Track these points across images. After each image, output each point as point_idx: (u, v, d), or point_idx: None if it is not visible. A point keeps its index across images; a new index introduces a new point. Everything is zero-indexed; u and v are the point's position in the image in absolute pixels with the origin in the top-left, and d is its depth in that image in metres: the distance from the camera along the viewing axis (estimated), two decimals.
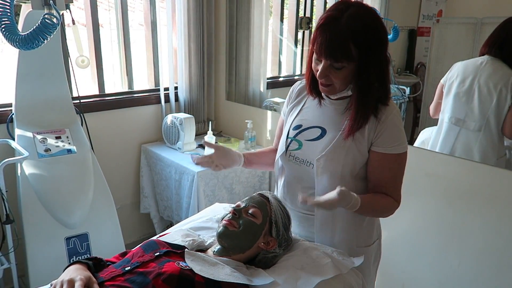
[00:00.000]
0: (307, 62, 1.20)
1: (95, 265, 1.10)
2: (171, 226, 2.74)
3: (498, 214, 1.72)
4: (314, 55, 1.13)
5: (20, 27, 1.83)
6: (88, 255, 1.95)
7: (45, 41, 1.48)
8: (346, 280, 1.15)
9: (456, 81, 1.91)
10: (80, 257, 1.93)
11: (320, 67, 1.12)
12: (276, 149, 1.44)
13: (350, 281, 1.16)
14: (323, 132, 1.24)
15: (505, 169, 1.72)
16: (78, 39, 2.00)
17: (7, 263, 1.84)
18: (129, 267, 1.05)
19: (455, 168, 1.84)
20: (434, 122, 2.06)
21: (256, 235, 1.19)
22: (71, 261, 1.88)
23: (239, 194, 2.51)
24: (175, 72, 2.72)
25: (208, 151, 1.25)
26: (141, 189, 2.69)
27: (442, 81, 1.98)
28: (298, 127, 1.30)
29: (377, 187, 1.22)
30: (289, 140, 1.31)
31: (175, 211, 2.51)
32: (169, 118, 2.57)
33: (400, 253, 2.02)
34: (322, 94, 1.24)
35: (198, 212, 2.28)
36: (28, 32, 1.46)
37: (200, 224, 1.42)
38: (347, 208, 1.12)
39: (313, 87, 1.23)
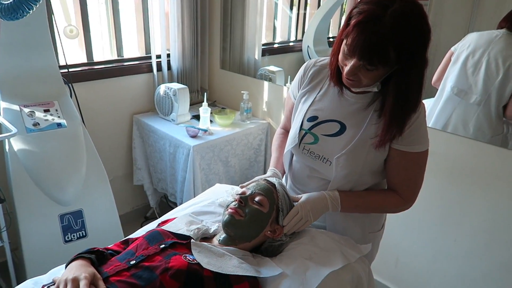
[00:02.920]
0: (334, 48, 1.07)
1: (98, 257, 1.06)
2: (165, 197, 2.73)
3: (495, 192, 1.73)
4: (344, 48, 1.00)
5: None
6: (83, 232, 1.92)
7: (31, 11, 1.35)
8: (354, 269, 1.14)
9: (466, 51, 1.85)
10: (75, 234, 1.89)
11: (349, 63, 1.00)
12: (286, 131, 1.39)
13: (358, 270, 1.15)
14: (343, 127, 1.15)
15: (501, 147, 1.71)
16: (65, 7, 1.85)
17: (0, 242, 1.79)
18: (134, 261, 1.01)
19: (452, 144, 1.83)
20: (429, 93, 2.02)
21: (263, 224, 1.15)
22: (66, 239, 1.87)
23: (235, 167, 2.47)
24: (167, 39, 2.58)
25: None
26: (134, 161, 2.63)
27: (452, 48, 1.92)
28: (313, 118, 1.20)
29: (390, 184, 1.20)
30: (303, 132, 1.22)
31: (169, 184, 2.47)
32: (162, 89, 2.46)
33: (395, 228, 2.04)
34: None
35: (194, 185, 2.26)
36: (11, 0, 1.33)
37: (202, 208, 1.38)
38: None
39: (337, 76, 1.11)
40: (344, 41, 1.00)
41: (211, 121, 2.48)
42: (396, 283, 2.19)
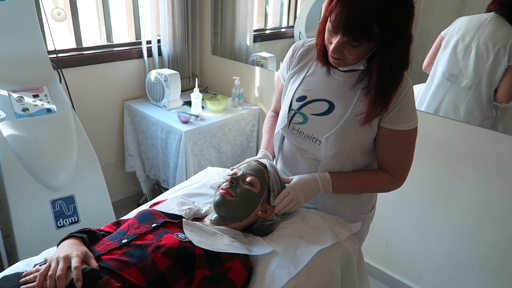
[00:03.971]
0: (319, 27, 1.08)
1: (89, 237, 1.06)
2: (158, 185, 2.73)
3: (484, 174, 1.76)
4: (329, 26, 1.01)
5: None
6: (76, 217, 1.92)
7: None
8: (344, 247, 1.16)
9: (456, 35, 1.85)
10: (67, 220, 1.89)
11: (334, 41, 1.01)
12: (276, 114, 1.38)
13: (347, 247, 1.17)
14: (331, 106, 1.15)
15: (491, 129, 1.73)
16: None
17: None
18: (126, 240, 1.02)
19: (441, 127, 1.85)
20: (420, 78, 2.03)
21: (254, 204, 1.16)
22: (58, 224, 1.87)
23: (227, 153, 2.48)
24: (157, 24, 2.56)
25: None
26: (125, 147, 2.62)
27: (442, 33, 1.92)
28: (302, 98, 1.20)
29: (380, 163, 1.21)
30: (292, 112, 1.22)
31: (162, 170, 2.46)
32: (152, 74, 2.45)
33: (385, 211, 2.06)
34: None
35: (186, 171, 2.27)
36: None
37: (194, 191, 1.39)
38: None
39: (324, 55, 1.12)
40: (329, 19, 1.00)
41: (202, 107, 2.47)
42: (386, 265, 2.22)
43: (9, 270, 1.05)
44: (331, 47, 1.03)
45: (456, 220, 1.89)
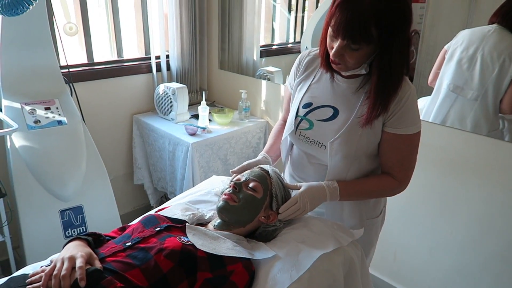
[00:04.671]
0: (322, 34, 1.12)
1: (95, 240, 1.08)
2: (166, 197, 2.75)
3: (490, 183, 1.74)
4: (330, 31, 1.05)
5: None
6: (84, 228, 1.94)
7: (31, 7, 1.40)
8: (347, 253, 1.16)
9: (460, 48, 1.87)
10: (75, 230, 1.92)
11: (335, 45, 1.05)
12: (285, 122, 1.42)
13: (350, 253, 1.17)
14: (336, 112, 1.19)
15: (498, 139, 1.72)
16: (64, 4, 1.90)
17: (1, 237, 1.82)
18: (130, 243, 1.03)
19: (448, 138, 1.84)
20: (427, 91, 2.04)
21: (256, 209, 1.18)
22: (67, 234, 1.90)
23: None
24: (166, 40, 2.63)
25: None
26: (134, 160, 2.66)
27: (446, 47, 1.94)
28: (308, 105, 1.24)
29: (384, 167, 1.22)
30: (298, 118, 1.26)
31: (169, 182, 2.49)
32: (161, 88, 2.50)
33: (393, 222, 2.05)
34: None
35: (193, 183, 2.29)
36: None
37: (198, 198, 1.41)
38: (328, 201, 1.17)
39: (327, 62, 1.16)
40: (330, 24, 1.04)
41: (210, 120, 2.51)
42: (394, 278, 2.19)
43: (16, 274, 1.08)
44: (332, 52, 1.06)
45: (464, 231, 1.87)
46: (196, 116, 2.54)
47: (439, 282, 2.02)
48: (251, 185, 1.20)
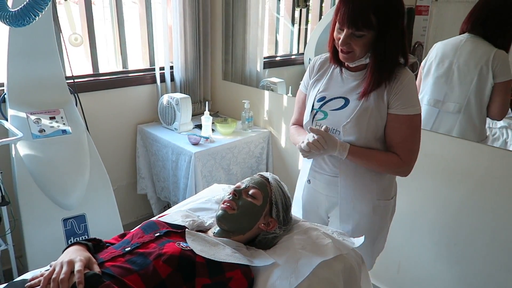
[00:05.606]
0: (330, 33, 1.31)
1: (95, 246, 1.09)
2: (169, 207, 2.75)
3: (492, 192, 1.73)
4: (337, 25, 1.24)
5: (10, 3, 1.76)
6: (86, 236, 1.95)
7: (37, 17, 1.42)
8: (347, 260, 1.16)
9: (435, 62, 1.88)
10: (78, 238, 1.93)
11: (342, 36, 1.23)
12: (299, 124, 1.54)
13: (350, 261, 1.16)
14: (346, 102, 1.33)
15: (502, 148, 1.71)
16: (70, 16, 1.94)
17: (4, 245, 1.83)
18: (129, 248, 1.04)
19: (451, 148, 1.84)
20: None
21: (256, 216, 1.18)
22: (69, 242, 1.89)
23: (237, 175, 2.50)
24: (170, 51, 2.67)
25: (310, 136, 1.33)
26: (137, 170, 2.67)
27: (422, 63, 1.95)
28: (322, 98, 1.39)
29: (389, 148, 1.33)
30: (314, 111, 1.40)
31: (172, 192, 2.50)
32: (165, 98, 2.53)
33: (396, 233, 2.03)
34: (344, 63, 1.34)
35: (196, 192, 2.29)
36: (18, 8, 1.41)
37: (199, 205, 1.41)
38: (337, 154, 1.29)
39: (335, 57, 1.34)
40: (336, 18, 1.23)
41: (213, 130, 2.52)
42: None
43: (16, 279, 1.08)
44: (340, 41, 1.23)
45: (468, 241, 1.85)
46: (199, 126, 2.56)
47: None
48: (250, 192, 1.20)
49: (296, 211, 1.57)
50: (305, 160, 1.51)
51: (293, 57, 3.13)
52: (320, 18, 2.99)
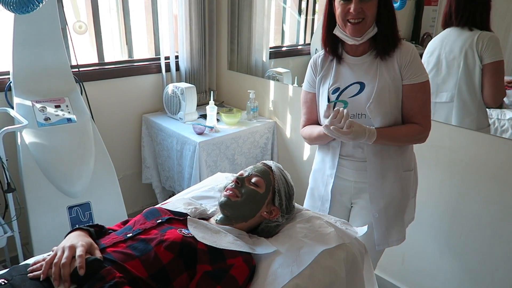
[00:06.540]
0: (322, 28, 1.37)
1: (97, 232, 1.09)
2: (173, 196, 2.76)
3: (499, 184, 1.70)
4: (339, 2, 1.29)
5: None
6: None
7: (41, 4, 1.42)
8: (349, 249, 1.15)
9: (425, 57, 1.90)
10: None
11: (352, 6, 1.27)
12: (311, 124, 1.52)
13: (353, 250, 1.16)
14: (362, 85, 1.37)
15: (509, 138, 1.68)
16: (75, 4, 1.94)
17: (10, 231, 1.85)
18: (131, 234, 1.04)
19: (458, 138, 1.81)
20: None
21: (259, 204, 1.18)
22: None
23: (241, 165, 2.50)
24: (175, 41, 2.65)
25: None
26: (142, 159, 2.68)
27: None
28: (336, 90, 1.41)
29: (408, 118, 1.38)
30: (332, 104, 1.41)
31: (177, 181, 2.50)
32: (170, 88, 2.52)
33: None
34: (342, 54, 1.40)
35: (200, 181, 2.29)
36: None
37: (202, 193, 1.41)
38: (366, 140, 1.30)
39: (332, 48, 1.40)
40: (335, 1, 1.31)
41: (218, 120, 2.52)
42: (403, 281, 2.16)
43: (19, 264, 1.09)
44: (351, 10, 1.27)
45: (474, 233, 1.83)
46: (204, 116, 2.55)
47: (448, 286, 1.98)
48: (253, 180, 1.20)
49: (310, 203, 1.59)
50: (324, 153, 1.52)
51: (299, 47, 3.10)
52: None
